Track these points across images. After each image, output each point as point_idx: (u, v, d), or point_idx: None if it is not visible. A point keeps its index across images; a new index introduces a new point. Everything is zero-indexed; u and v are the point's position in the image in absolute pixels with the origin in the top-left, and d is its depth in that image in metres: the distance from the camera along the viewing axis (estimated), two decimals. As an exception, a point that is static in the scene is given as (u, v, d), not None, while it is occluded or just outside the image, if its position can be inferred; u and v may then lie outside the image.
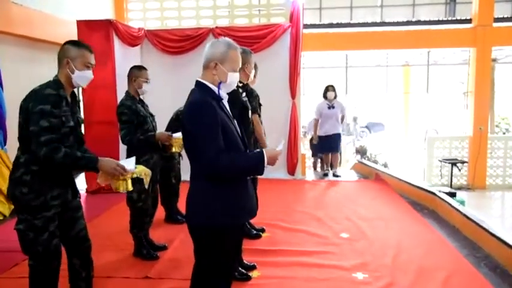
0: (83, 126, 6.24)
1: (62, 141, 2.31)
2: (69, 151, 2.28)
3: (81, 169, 2.31)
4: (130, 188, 2.52)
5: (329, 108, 7.05)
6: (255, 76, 3.56)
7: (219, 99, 2.07)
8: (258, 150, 2.07)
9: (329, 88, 7.13)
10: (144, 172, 2.68)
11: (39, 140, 2.23)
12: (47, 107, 2.25)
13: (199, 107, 1.98)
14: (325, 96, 7.15)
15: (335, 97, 7.13)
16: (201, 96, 2.02)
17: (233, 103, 2.29)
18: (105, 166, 2.36)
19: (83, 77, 2.44)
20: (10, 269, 3.44)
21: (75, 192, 2.56)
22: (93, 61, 2.50)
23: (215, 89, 2.08)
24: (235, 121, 2.16)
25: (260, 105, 3.87)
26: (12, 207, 5.06)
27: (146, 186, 2.75)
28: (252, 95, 3.59)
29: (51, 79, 2.41)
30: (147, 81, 3.63)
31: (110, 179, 2.44)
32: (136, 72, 3.62)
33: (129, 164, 2.53)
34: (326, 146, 7.33)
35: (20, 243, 2.37)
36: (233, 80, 2.13)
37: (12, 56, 5.04)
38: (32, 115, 2.25)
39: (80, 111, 2.61)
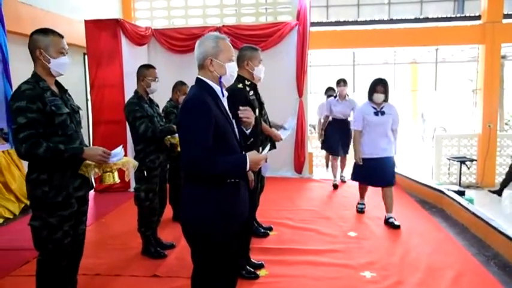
0: (90, 122, 6.31)
1: (51, 134, 2.28)
2: (52, 145, 2.24)
3: (67, 161, 2.30)
4: (117, 180, 2.50)
5: (376, 114, 4.51)
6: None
7: (218, 97, 2.05)
8: (241, 155, 2.01)
9: (377, 87, 4.49)
10: (128, 165, 2.60)
11: (18, 137, 2.21)
12: (22, 103, 2.22)
13: (192, 105, 1.95)
14: (370, 98, 4.56)
15: (386, 99, 4.55)
16: (198, 94, 1.99)
17: (236, 102, 2.27)
18: (90, 155, 2.34)
19: (60, 64, 2.37)
20: (20, 267, 3.48)
21: (91, 184, 2.59)
22: (66, 46, 2.41)
23: (215, 86, 2.06)
24: (234, 120, 2.12)
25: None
26: (22, 205, 5.12)
27: (126, 179, 2.71)
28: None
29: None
30: (155, 80, 3.64)
31: (95, 170, 2.43)
32: (145, 71, 3.63)
33: (117, 154, 2.51)
34: (373, 176, 4.60)
35: (33, 239, 2.38)
36: (232, 70, 2.10)
37: (21, 55, 5.05)
38: (11, 115, 2.26)
39: (72, 99, 2.57)
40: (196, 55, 2.08)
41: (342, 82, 6.37)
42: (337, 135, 6.12)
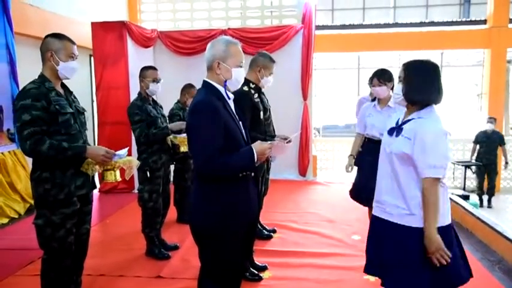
0: (96, 123, 6.35)
1: (54, 132, 2.32)
2: (55, 143, 2.28)
3: (70, 159, 2.34)
4: (118, 178, 2.54)
5: (391, 132, 2.12)
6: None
7: (224, 99, 2.07)
8: (247, 147, 2.04)
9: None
10: (129, 164, 2.62)
11: (22, 135, 2.26)
12: (27, 101, 2.26)
13: (201, 108, 1.97)
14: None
15: (420, 103, 2.05)
16: (206, 97, 2.01)
17: (241, 105, 2.29)
18: (93, 154, 2.38)
19: (68, 68, 2.43)
20: (25, 266, 3.49)
21: (94, 183, 2.61)
22: (76, 52, 2.48)
23: (221, 89, 2.07)
24: (241, 122, 2.14)
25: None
26: (28, 205, 5.16)
27: (127, 178, 2.73)
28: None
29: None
30: (154, 81, 3.60)
31: (97, 167, 2.45)
32: (144, 73, 3.64)
33: (121, 154, 2.54)
34: (371, 256, 2.22)
35: (37, 238, 2.42)
36: (238, 75, 2.11)
37: (28, 56, 5.14)
38: (16, 113, 2.30)
39: (78, 101, 2.61)
40: (206, 56, 2.10)
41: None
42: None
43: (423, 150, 1.92)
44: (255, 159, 1.99)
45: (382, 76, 3.55)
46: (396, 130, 2.08)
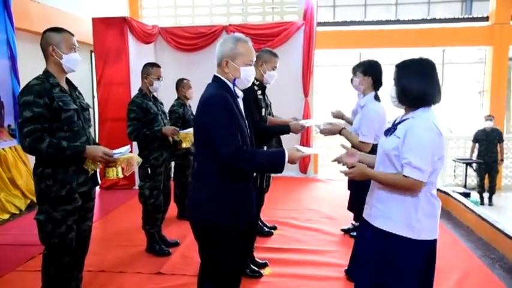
0: (97, 119, 6.34)
1: (57, 129, 2.32)
2: (54, 141, 2.27)
3: (69, 158, 2.34)
4: (120, 175, 2.54)
5: (387, 132, 2.10)
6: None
7: (234, 96, 2.06)
8: (279, 149, 2.02)
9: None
10: (132, 160, 2.62)
11: (22, 132, 2.26)
12: (29, 97, 2.26)
13: (216, 101, 1.95)
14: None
15: (412, 103, 2.01)
16: (218, 91, 2.00)
17: (247, 100, 2.28)
18: (92, 154, 2.38)
19: (72, 60, 2.42)
20: (26, 262, 3.49)
21: (96, 180, 2.60)
22: (76, 43, 2.47)
23: (231, 85, 2.07)
24: (247, 121, 2.13)
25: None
26: (29, 201, 5.16)
27: (127, 174, 2.70)
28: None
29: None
30: (158, 79, 3.62)
31: (98, 165, 2.46)
32: (148, 70, 3.63)
33: (122, 151, 2.53)
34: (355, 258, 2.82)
35: (39, 233, 2.42)
36: (248, 74, 2.08)
37: (29, 52, 5.11)
38: (19, 108, 2.30)
39: (82, 98, 2.62)
40: (216, 53, 2.08)
41: None
42: None
43: (409, 150, 1.88)
44: (285, 163, 1.96)
45: (354, 67, 3.61)
46: (391, 130, 2.05)
